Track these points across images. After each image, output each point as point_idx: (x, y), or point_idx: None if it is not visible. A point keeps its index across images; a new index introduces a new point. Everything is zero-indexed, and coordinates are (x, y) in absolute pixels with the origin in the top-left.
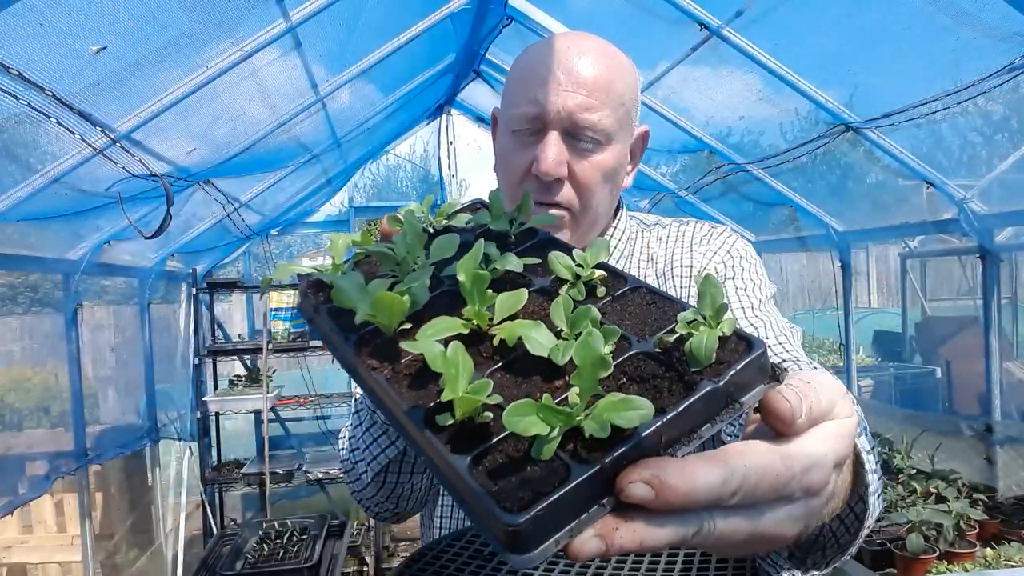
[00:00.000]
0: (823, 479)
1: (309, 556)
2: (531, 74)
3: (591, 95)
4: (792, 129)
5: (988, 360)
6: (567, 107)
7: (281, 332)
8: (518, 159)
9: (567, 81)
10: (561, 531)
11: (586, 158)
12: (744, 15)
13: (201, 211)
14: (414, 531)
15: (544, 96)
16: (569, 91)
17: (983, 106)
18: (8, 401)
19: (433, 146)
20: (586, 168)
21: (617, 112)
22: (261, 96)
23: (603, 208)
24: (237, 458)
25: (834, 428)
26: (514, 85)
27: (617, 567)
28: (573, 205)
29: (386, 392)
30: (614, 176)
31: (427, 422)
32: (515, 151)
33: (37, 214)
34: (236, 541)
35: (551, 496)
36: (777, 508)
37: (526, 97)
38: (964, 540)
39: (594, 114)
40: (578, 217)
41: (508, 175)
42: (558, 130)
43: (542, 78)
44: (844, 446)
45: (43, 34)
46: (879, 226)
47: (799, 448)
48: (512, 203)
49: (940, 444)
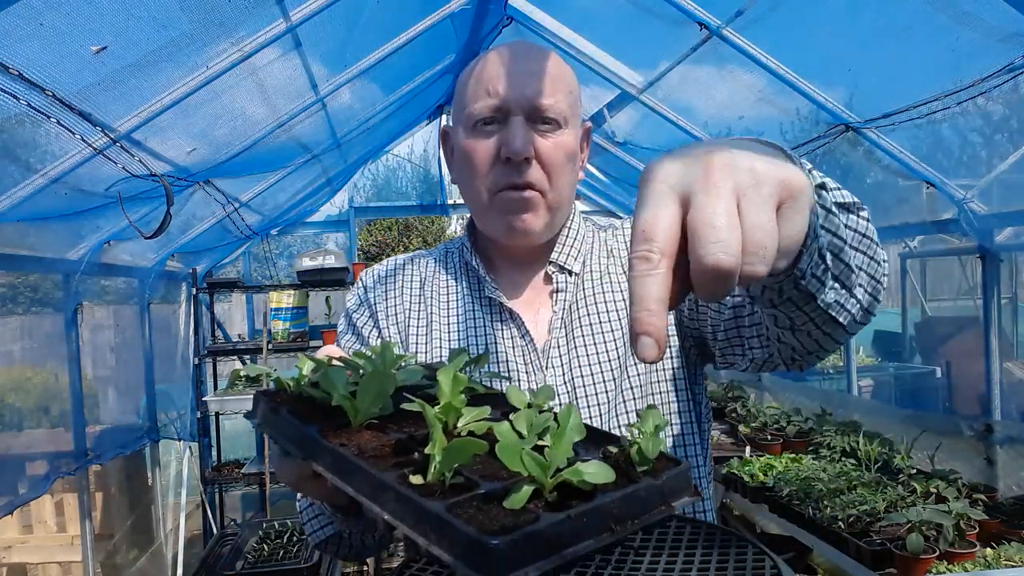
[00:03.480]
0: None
1: (309, 556)
2: (484, 74)
3: (546, 82)
4: (792, 129)
5: (988, 360)
6: (526, 93)
7: (281, 332)
8: (484, 150)
9: (522, 72)
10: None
11: (549, 139)
12: (744, 15)
13: (201, 211)
14: None
15: (504, 87)
16: (525, 79)
17: (983, 106)
18: (8, 401)
19: (433, 146)
20: (550, 148)
21: (568, 99)
22: (261, 96)
23: (567, 192)
24: (237, 458)
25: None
26: (469, 88)
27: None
28: (543, 186)
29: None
30: (574, 159)
31: (400, 480)
32: (479, 144)
33: (37, 214)
34: (236, 541)
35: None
36: None
37: (484, 92)
38: (964, 540)
39: (551, 98)
40: (547, 196)
41: (475, 168)
42: (520, 115)
43: (496, 75)
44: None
45: (43, 34)
46: (879, 226)
47: None
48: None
49: (940, 444)
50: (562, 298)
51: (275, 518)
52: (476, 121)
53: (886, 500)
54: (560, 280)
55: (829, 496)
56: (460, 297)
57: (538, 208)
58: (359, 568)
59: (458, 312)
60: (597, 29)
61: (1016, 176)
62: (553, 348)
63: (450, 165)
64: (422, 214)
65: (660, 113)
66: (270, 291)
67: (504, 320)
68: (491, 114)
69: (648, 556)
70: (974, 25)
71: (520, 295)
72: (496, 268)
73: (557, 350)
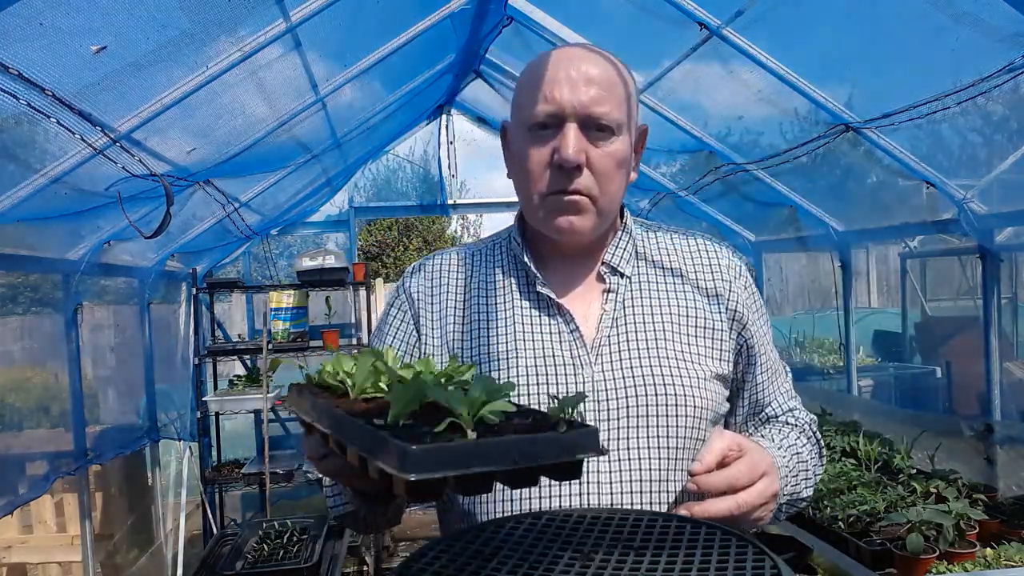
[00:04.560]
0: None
1: (309, 556)
2: (543, 77)
3: (602, 90)
4: (792, 129)
5: (988, 360)
6: (582, 101)
7: (281, 332)
8: (538, 154)
9: (579, 79)
10: (438, 471)
11: (601, 147)
12: (744, 15)
13: (201, 211)
14: (414, 531)
15: (560, 93)
16: (582, 87)
17: (983, 106)
18: (8, 401)
19: (433, 146)
20: (602, 156)
21: (623, 107)
22: (261, 96)
23: (616, 196)
24: (237, 458)
25: (765, 482)
26: (527, 90)
27: (617, 567)
28: (592, 191)
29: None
30: (625, 165)
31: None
32: (534, 147)
33: (37, 214)
34: (236, 541)
35: (438, 443)
36: None
37: (542, 97)
38: (964, 540)
39: (605, 106)
40: (597, 202)
41: (529, 171)
42: (575, 123)
43: (555, 79)
44: (774, 487)
45: (43, 34)
46: (879, 226)
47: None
48: (531, 205)
49: (940, 444)
50: (613, 298)
51: (275, 518)
52: (532, 125)
53: (886, 500)
54: (613, 281)
55: (829, 496)
56: (509, 291)
57: (586, 211)
58: (359, 568)
59: (507, 306)
60: (597, 29)
61: (1016, 176)
62: (603, 345)
63: (506, 158)
64: (422, 214)
65: (660, 113)
66: (270, 291)
67: (553, 315)
68: (546, 119)
69: (648, 555)
70: (974, 25)
71: (570, 292)
72: (545, 263)
73: (607, 347)
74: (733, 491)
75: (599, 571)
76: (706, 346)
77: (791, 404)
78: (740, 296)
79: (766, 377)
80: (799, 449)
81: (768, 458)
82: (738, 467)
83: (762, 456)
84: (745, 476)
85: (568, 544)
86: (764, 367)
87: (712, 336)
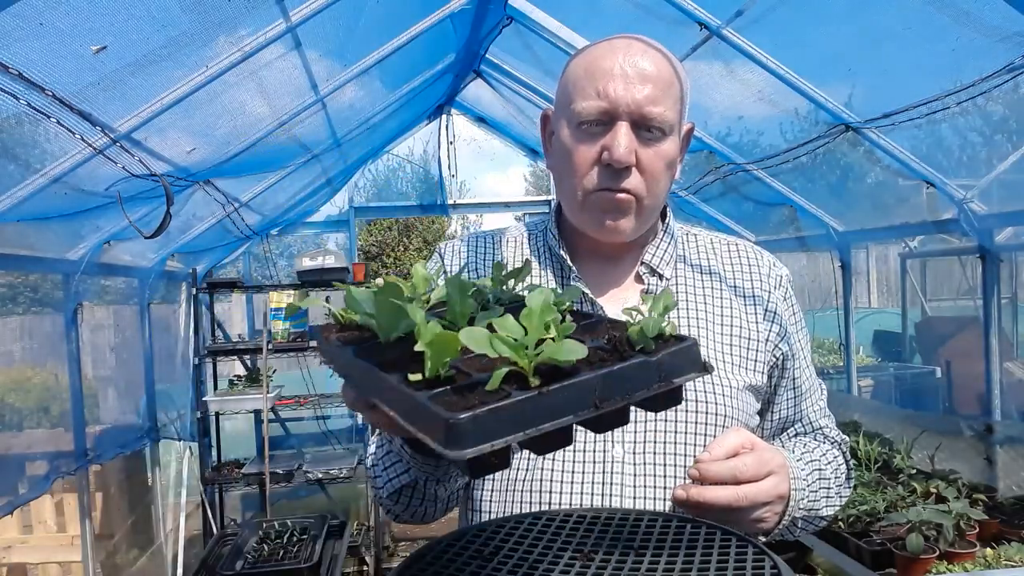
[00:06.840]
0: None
1: (309, 556)
2: (596, 70)
3: (657, 89)
4: (792, 129)
5: (988, 360)
6: (636, 100)
7: (281, 332)
8: (586, 150)
9: (635, 75)
10: (498, 439)
11: (651, 148)
12: (744, 15)
13: (201, 211)
14: (414, 531)
15: (614, 90)
16: (637, 85)
17: (983, 106)
18: (8, 401)
19: (433, 146)
20: (652, 157)
21: (677, 106)
22: (261, 96)
23: (661, 197)
24: (237, 458)
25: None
26: (578, 82)
27: (617, 567)
28: (639, 192)
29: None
30: (673, 165)
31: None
32: (583, 143)
33: (37, 214)
34: (236, 541)
35: (489, 405)
36: None
37: (594, 91)
38: (964, 540)
39: (659, 106)
40: (642, 202)
41: (575, 167)
42: (627, 121)
43: (609, 73)
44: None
45: (43, 34)
46: (879, 226)
47: None
48: (574, 200)
49: (940, 444)
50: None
51: (275, 518)
52: (582, 121)
53: (886, 500)
54: (651, 282)
55: None
56: (544, 283)
57: (630, 211)
58: (359, 568)
59: None
60: (597, 29)
61: (1016, 176)
62: None
63: (546, 148)
64: (422, 214)
65: None
66: (270, 291)
67: None
68: (598, 116)
69: (648, 555)
70: (974, 25)
71: (606, 290)
72: (580, 258)
73: None
74: (736, 482)
75: (599, 571)
76: (741, 356)
77: (822, 422)
78: (779, 307)
79: (799, 393)
80: (822, 465)
81: (780, 458)
82: (744, 459)
83: (773, 455)
84: (751, 469)
85: (568, 544)
86: (798, 382)
87: (748, 346)
